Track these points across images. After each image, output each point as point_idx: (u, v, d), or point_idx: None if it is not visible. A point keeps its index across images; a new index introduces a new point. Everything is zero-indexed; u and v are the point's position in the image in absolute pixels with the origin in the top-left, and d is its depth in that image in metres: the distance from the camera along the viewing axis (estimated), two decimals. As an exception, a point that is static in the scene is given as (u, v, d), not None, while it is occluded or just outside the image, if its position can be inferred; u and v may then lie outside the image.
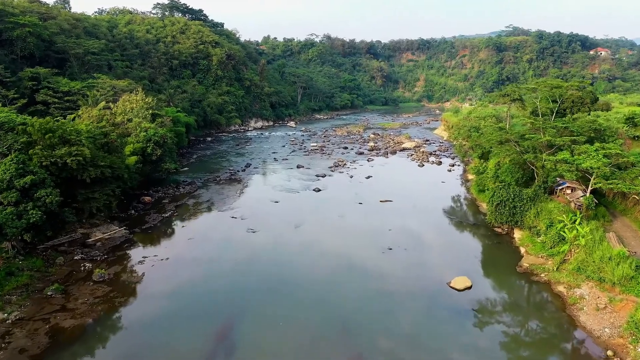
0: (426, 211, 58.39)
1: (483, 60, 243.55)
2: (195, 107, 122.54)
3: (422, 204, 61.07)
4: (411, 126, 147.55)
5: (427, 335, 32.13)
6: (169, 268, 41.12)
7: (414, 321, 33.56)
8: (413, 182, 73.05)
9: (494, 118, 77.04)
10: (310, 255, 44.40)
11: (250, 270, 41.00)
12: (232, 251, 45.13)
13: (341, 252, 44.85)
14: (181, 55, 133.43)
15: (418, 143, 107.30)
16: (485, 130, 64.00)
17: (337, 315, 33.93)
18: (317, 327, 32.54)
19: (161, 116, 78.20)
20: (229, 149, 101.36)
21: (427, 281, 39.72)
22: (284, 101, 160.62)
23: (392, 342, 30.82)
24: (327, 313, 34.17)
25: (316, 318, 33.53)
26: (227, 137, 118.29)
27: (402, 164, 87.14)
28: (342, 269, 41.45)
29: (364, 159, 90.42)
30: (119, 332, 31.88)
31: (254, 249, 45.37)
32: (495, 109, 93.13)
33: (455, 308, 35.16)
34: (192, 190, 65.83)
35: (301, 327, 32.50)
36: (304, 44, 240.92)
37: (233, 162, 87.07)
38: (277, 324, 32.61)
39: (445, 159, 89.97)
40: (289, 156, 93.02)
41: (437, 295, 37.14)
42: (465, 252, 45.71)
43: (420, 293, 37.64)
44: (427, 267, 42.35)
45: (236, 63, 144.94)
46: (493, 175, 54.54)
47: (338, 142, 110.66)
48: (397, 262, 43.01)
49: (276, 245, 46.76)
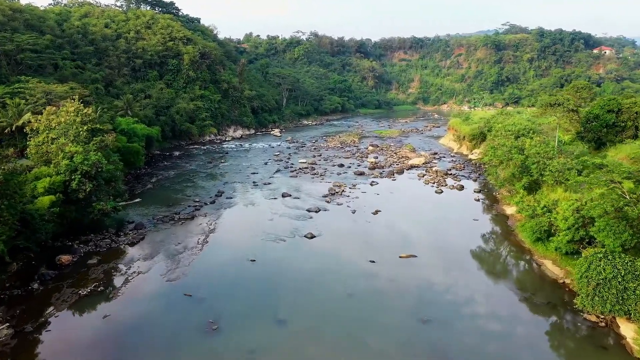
0: (468, 274, 40.87)
1: (481, 60, 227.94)
2: (162, 114, 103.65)
3: (457, 261, 43.57)
4: (411, 134, 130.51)
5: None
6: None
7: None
8: (436, 220, 55.47)
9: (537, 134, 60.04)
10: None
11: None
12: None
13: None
14: (146, 54, 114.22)
15: (426, 158, 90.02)
16: (558, 166, 46.81)
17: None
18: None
19: (104, 132, 59.49)
20: (199, 167, 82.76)
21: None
22: (267, 106, 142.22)
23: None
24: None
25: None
26: (199, 151, 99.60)
27: (415, 189, 69.63)
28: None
29: (365, 181, 72.73)
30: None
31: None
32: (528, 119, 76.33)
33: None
34: (135, 240, 47.31)
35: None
36: (289, 42, 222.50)
37: (201, 187, 68.62)
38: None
39: (466, 181, 72.78)
40: (272, 178, 74.91)
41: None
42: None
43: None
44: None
45: (212, 63, 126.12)
46: (570, 227, 37.11)
47: (331, 157, 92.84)
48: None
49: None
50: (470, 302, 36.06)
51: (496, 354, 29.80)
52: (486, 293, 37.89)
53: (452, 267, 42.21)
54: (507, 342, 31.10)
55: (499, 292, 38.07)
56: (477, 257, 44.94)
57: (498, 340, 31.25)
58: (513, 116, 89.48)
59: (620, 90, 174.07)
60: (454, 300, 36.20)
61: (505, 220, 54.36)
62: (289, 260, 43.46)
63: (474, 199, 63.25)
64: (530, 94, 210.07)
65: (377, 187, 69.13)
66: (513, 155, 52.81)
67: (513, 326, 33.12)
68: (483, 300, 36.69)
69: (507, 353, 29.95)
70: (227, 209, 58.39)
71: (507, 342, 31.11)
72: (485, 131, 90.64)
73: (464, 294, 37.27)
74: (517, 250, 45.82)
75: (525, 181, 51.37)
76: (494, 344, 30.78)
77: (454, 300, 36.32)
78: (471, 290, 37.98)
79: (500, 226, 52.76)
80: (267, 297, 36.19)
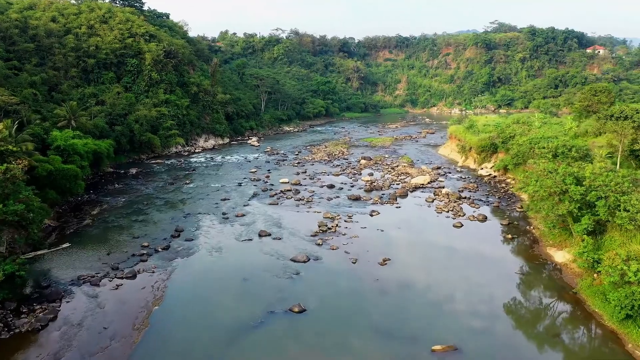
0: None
1: (470, 60, 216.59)
2: (118, 123, 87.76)
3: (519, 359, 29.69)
4: (405, 142, 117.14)
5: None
6: None
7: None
8: (467, 277, 40.78)
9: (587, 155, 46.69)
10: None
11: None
12: None
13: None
14: (100, 52, 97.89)
15: (430, 175, 76.42)
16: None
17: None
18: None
19: (15, 156, 43.91)
20: (158, 190, 67.43)
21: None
22: (243, 111, 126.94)
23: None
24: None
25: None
26: (162, 167, 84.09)
27: (426, 220, 55.67)
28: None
29: (363, 209, 58.55)
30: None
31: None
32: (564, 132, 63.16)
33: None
34: (42, 322, 31.97)
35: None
36: (268, 40, 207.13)
37: (154, 223, 53.41)
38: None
39: (485, 208, 59.31)
40: (248, 205, 60.20)
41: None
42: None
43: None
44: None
45: (179, 62, 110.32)
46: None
47: (318, 173, 78.52)
48: None
49: None
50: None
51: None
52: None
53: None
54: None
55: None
56: (544, 347, 30.99)
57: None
58: (532, 124, 76.67)
59: (619, 92, 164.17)
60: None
61: (558, 273, 40.69)
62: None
63: (504, 237, 49.62)
64: (524, 95, 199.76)
65: (380, 219, 54.98)
66: (568, 186, 39.21)
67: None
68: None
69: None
70: (184, 260, 43.33)
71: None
72: (498, 142, 77.70)
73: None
74: (595, 333, 32.04)
75: (587, 223, 37.87)
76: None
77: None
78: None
79: (554, 286, 38.91)
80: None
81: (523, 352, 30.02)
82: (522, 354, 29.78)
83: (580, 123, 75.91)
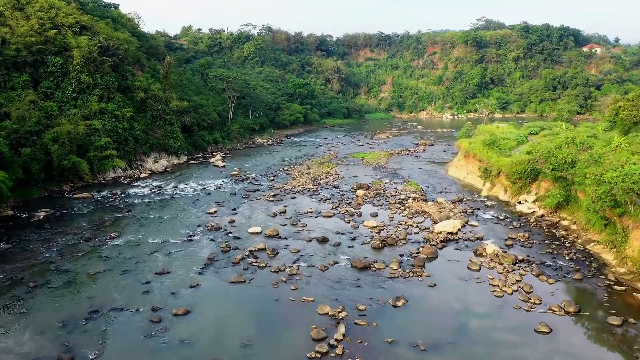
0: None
1: (460, 59, 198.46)
2: (27, 144, 64.30)
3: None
4: (403, 157, 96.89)
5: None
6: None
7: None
8: None
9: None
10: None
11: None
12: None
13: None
14: (8, 48, 73.65)
15: (456, 215, 55.84)
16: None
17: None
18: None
19: None
20: (64, 254, 44.44)
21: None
22: (206, 120, 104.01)
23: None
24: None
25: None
26: (87, 204, 60.88)
27: (485, 317, 34.53)
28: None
29: (378, 289, 37.26)
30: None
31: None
32: None
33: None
34: None
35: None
36: (237, 37, 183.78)
37: (26, 338, 30.91)
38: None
39: (562, 284, 39.01)
40: (197, 286, 38.16)
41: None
42: None
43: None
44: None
45: (120, 62, 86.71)
46: None
47: (303, 214, 56.94)
48: None
49: None
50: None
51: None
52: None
53: None
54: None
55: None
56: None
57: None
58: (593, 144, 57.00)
59: (624, 94, 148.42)
60: None
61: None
62: None
63: (627, 354, 29.21)
64: (519, 97, 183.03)
65: (410, 316, 33.80)
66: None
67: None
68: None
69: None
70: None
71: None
72: (545, 168, 57.89)
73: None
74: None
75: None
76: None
77: None
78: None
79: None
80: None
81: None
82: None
83: (631, 138, 58.55)
